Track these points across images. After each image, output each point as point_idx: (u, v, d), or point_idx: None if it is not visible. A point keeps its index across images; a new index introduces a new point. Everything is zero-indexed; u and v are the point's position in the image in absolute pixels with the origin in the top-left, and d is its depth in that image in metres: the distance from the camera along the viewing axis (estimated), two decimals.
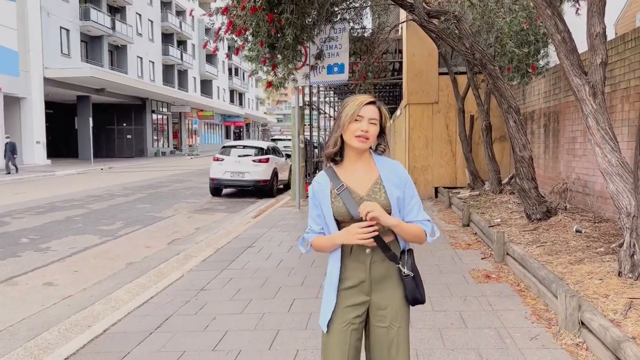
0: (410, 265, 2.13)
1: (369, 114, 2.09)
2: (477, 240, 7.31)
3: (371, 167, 2.17)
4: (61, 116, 34.73)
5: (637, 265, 4.30)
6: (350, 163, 2.17)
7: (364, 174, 2.16)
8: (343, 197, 2.10)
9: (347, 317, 2.12)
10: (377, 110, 2.12)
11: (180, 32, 47.35)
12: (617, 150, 4.74)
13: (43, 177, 20.30)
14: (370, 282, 2.13)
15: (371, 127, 2.09)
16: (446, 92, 12.45)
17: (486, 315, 4.27)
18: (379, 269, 2.13)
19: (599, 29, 4.85)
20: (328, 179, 2.16)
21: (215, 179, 13.84)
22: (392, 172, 2.16)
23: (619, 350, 3.01)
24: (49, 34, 28.28)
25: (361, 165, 2.16)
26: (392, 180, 2.14)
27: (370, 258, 2.12)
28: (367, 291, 2.14)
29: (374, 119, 2.10)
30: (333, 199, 2.13)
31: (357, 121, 2.08)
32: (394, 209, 2.11)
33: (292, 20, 7.06)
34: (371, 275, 2.13)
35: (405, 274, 2.12)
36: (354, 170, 2.16)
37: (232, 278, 5.66)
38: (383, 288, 2.15)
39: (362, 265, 2.12)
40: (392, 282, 2.15)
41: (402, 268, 2.12)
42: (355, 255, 2.13)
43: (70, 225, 9.41)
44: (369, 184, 2.14)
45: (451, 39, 7.80)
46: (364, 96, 2.13)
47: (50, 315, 4.83)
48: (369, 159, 2.18)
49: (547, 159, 9.82)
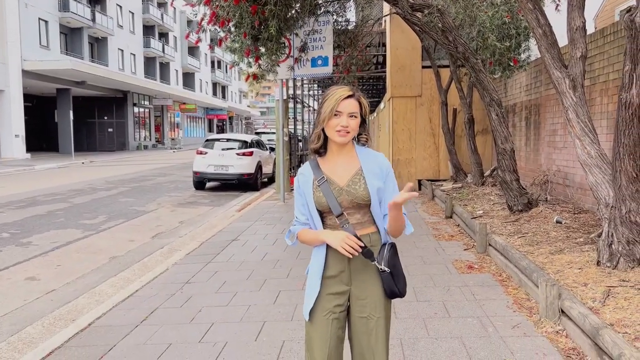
0: (387, 259, 2.13)
1: (348, 109, 2.08)
2: (459, 232, 7.40)
3: (353, 158, 2.19)
4: (41, 109, 34.14)
5: (615, 254, 4.40)
6: (333, 155, 2.19)
7: (345, 165, 2.18)
8: (323, 188, 2.13)
9: (328, 306, 2.16)
10: (356, 103, 2.11)
11: (161, 24, 46.80)
12: (596, 143, 4.84)
13: (23, 171, 19.97)
14: (350, 272, 2.17)
15: (351, 121, 2.09)
16: (429, 85, 12.53)
17: (469, 305, 4.34)
18: (358, 260, 2.15)
19: (579, 23, 4.93)
20: (311, 171, 2.19)
21: (199, 172, 13.77)
22: (373, 163, 2.17)
23: (597, 336, 3.09)
24: (27, 25, 27.74)
25: (343, 157, 2.18)
26: (373, 171, 2.15)
27: None
28: (346, 281, 2.18)
29: (354, 112, 2.09)
30: (314, 190, 2.16)
31: (336, 116, 2.08)
32: (374, 200, 2.13)
33: (276, 12, 7.04)
34: (350, 266, 2.17)
35: (382, 270, 2.13)
36: (335, 161, 2.18)
37: (217, 271, 5.66)
38: (363, 279, 2.18)
39: (341, 255, 2.13)
40: (371, 274, 2.18)
41: (377, 265, 2.13)
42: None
43: (52, 220, 9.30)
44: (350, 174, 2.15)
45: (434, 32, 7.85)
46: (342, 89, 2.12)
47: (34, 309, 4.79)
48: (352, 150, 2.20)
49: (529, 152, 9.96)
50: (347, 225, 2.12)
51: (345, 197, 2.13)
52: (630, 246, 4.33)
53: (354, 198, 2.13)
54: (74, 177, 17.46)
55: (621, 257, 4.36)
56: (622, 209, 4.34)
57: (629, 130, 4.21)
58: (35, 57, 27.72)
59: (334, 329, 2.15)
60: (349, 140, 2.13)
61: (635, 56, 4.09)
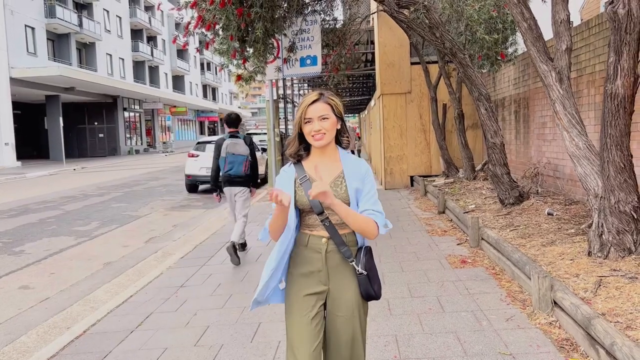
0: (364, 263, 2.17)
1: (317, 113, 2.13)
2: (452, 227, 7.44)
3: (336, 162, 2.23)
4: (30, 117, 33.89)
5: (605, 244, 4.45)
6: (316, 157, 2.23)
7: (328, 167, 2.21)
8: (305, 187, 2.15)
9: (307, 306, 2.18)
10: (324, 106, 2.15)
11: (149, 27, 46.60)
12: (584, 134, 4.88)
13: (13, 180, 19.84)
14: (327, 271, 2.20)
15: (323, 123, 2.13)
16: (418, 81, 12.56)
17: (463, 299, 4.37)
18: (335, 258, 2.19)
19: (563, 16, 4.96)
20: (294, 170, 2.23)
21: (191, 175, 13.72)
22: (355, 167, 2.22)
23: (589, 326, 3.12)
24: (14, 32, 27.54)
25: (326, 159, 2.22)
26: (354, 175, 2.20)
27: (325, 247, 2.19)
28: (324, 280, 2.20)
29: (323, 114, 2.13)
30: (296, 189, 2.19)
31: (308, 123, 2.14)
32: (353, 202, 2.17)
33: (262, 14, 7.04)
34: (327, 264, 2.20)
35: (359, 272, 2.17)
36: (319, 163, 2.21)
37: (211, 274, 5.66)
38: (340, 277, 2.21)
39: (318, 254, 2.19)
40: (348, 272, 2.21)
41: (355, 266, 2.17)
42: (312, 244, 2.20)
43: (45, 228, 9.25)
44: (332, 176, 2.20)
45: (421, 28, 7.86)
46: (309, 96, 2.17)
47: (28, 318, 4.77)
48: (335, 154, 2.25)
49: (519, 145, 10.01)
50: (328, 223, 2.15)
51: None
52: (620, 236, 4.37)
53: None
54: (65, 184, 17.37)
55: (612, 247, 4.40)
56: (611, 199, 4.38)
57: (615, 121, 4.25)
58: (22, 64, 27.53)
59: (314, 329, 2.16)
60: (327, 141, 2.16)
61: (619, 48, 4.13)
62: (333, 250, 2.19)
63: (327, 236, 2.18)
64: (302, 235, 2.23)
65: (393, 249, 6.25)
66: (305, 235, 2.22)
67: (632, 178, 4.34)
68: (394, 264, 5.57)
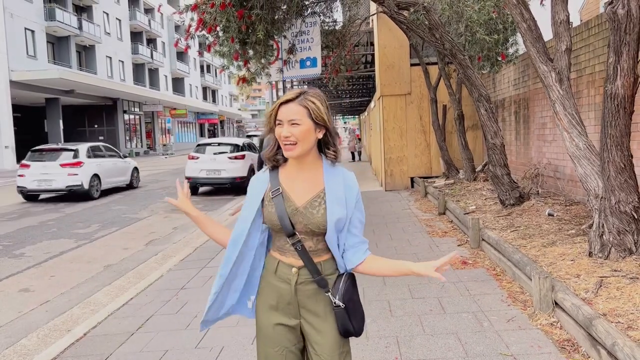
0: (343, 293, 1.83)
1: (287, 116, 1.77)
2: (453, 228, 7.43)
3: (317, 177, 1.87)
4: (30, 119, 33.90)
5: (606, 245, 4.44)
6: (293, 168, 1.89)
7: (307, 182, 1.86)
8: (276, 202, 1.83)
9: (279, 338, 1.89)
10: (299, 108, 1.77)
11: (149, 30, 46.63)
12: (584, 135, 4.87)
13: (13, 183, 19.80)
14: (297, 304, 1.88)
15: (293, 129, 1.76)
16: (418, 83, 12.57)
17: (464, 300, 4.36)
18: (307, 290, 1.86)
19: (563, 16, 4.97)
20: (268, 178, 1.90)
21: (191, 177, 13.71)
22: (340, 186, 1.85)
23: (590, 327, 3.12)
24: (14, 35, 27.57)
25: (306, 173, 1.87)
26: (337, 197, 1.83)
27: (296, 279, 1.86)
28: (295, 314, 1.89)
29: (294, 119, 1.76)
30: (266, 202, 1.87)
31: (279, 125, 1.79)
32: (330, 229, 1.81)
33: (263, 16, 7.05)
34: (297, 297, 1.87)
35: (336, 305, 1.83)
36: (296, 176, 1.88)
37: (212, 276, 5.65)
38: (314, 312, 1.88)
39: (287, 285, 1.87)
40: (323, 305, 1.88)
41: (331, 298, 1.83)
42: (280, 273, 1.88)
43: (45, 230, 9.25)
44: (310, 195, 1.85)
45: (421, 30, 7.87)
46: (287, 94, 1.82)
47: (28, 321, 4.76)
48: (317, 167, 1.88)
49: (519, 145, 10.01)
50: (299, 247, 1.83)
51: (300, 219, 1.83)
52: (620, 236, 4.37)
53: (308, 223, 1.82)
54: None
55: (612, 247, 4.40)
56: (611, 199, 4.37)
57: (615, 121, 4.25)
58: (22, 67, 27.55)
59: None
60: (297, 153, 1.79)
61: (618, 48, 4.13)
62: (305, 281, 1.86)
63: (298, 265, 1.85)
64: (271, 259, 1.92)
65: (394, 250, 6.25)
66: (274, 261, 1.90)
67: (632, 178, 4.34)
68: None
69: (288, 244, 1.85)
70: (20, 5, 28.41)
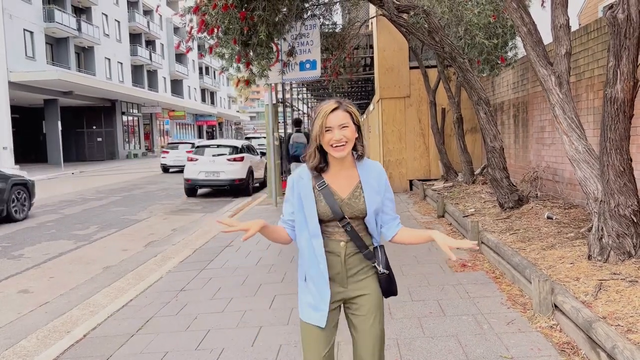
0: (384, 262, 2.21)
1: (337, 122, 2.07)
2: (452, 231, 7.44)
3: (353, 172, 2.20)
4: (28, 121, 33.89)
5: (605, 248, 4.45)
6: (335, 169, 2.19)
7: (346, 177, 2.19)
8: (325, 194, 2.14)
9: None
10: (344, 114, 2.10)
11: (148, 31, 46.64)
12: (583, 138, 4.89)
13: None
14: (346, 273, 2.20)
15: (344, 131, 2.08)
16: (417, 85, 12.59)
17: (463, 303, 4.37)
18: (354, 261, 2.20)
19: (563, 21, 4.99)
20: (310, 175, 2.19)
21: (190, 179, 13.72)
22: (372, 176, 2.20)
23: (590, 330, 3.12)
24: (12, 36, 27.53)
25: (344, 170, 2.19)
26: (371, 185, 2.18)
27: (344, 250, 2.18)
28: (343, 283, 2.20)
29: (344, 123, 2.08)
30: (316, 197, 2.15)
31: (328, 131, 2.08)
32: (370, 213, 2.16)
33: (265, 18, 7.06)
34: (346, 267, 2.19)
35: (381, 272, 2.20)
36: (337, 174, 2.18)
37: (211, 277, 5.66)
38: (358, 280, 2.21)
39: (337, 257, 2.18)
40: (367, 272, 2.22)
41: (377, 267, 2.20)
42: (331, 248, 2.18)
43: (44, 232, 9.24)
44: (350, 188, 2.18)
45: (421, 33, 7.89)
46: (328, 104, 2.11)
47: (28, 322, 4.76)
48: (351, 163, 2.20)
49: (518, 149, 10.04)
50: (349, 227, 2.15)
51: (346, 209, 2.16)
52: (620, 239, 4.38)
53: (354, 211, 2.16)
54: (64, 188, 17.36)
55: (611, 250, 4.41)
56: (610, 202, 4.39)
57: (615, 125, 4.27)
58: (21, 68, 27.51)
59: (329, 331, 2.19)
60: (347, 151, 2.11)
61: (618, 52, 4.15)
62: (351, 253, 2.19)
63: (345, 240, 2.18)
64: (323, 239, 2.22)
65: (393, 253, 6.22)
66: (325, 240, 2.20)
67: (631, 182, 4.35)
68: (395, 268, 5.49)
69: (336, 227, 2.18)
70: (19, 6, 28.39)
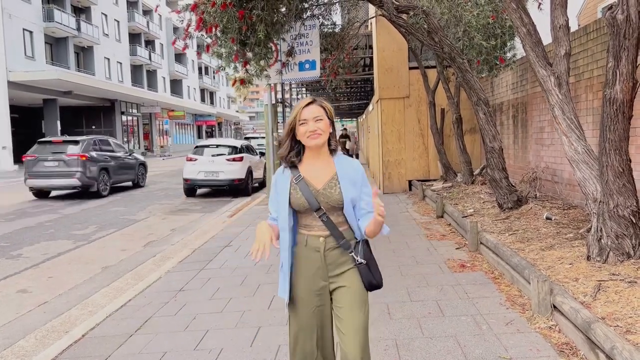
0: (363, 253, 2.31)
1: (311, 115, 2.24)
2: (451, 231, 7.44)
3: (329, 165, 2.33)
4: (28, 120, 33.79)
5: (604, 249, 4.45)
6: (309, 160, 2.34)
7: (321, 170, 2.32)
8: (301, 186, 2.27)
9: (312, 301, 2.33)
10: (318, 108, 2.27)
11: (147, 31, 46.61)
12: (582, 139, 4.89)
13: (11, 184, 19.77)
14: (326, 267, 2.32)
15: (319, 123, 2.24)
16: (417, 86, 12.59)
17: (462, 303, 4.37)
18: (333, 255, 2.31)
19: (562, 21, 4.99)
20: (289, 171, 2.34)
21: (189, 179, 13.70)
22: (349, 168, 2.32)
23: (589, 330, 3.12)
24: (12, 36, 27.51)
25: (320, 163, 2.33)
26: (348, 177, 2.30)
27: (324, 246, 2.30)
28: (324, 276, 2.32)
29: (318, 116, 2.24)
30: (292, 190, 2.29)
31: (303, 124, 2.24)
32: (347, 204, 2.28)
33: (263, 17, 7.05)
34: (326, 262, 2.31)
35: (358, 262, 2.30)
36: (312, 166, 2.33)
37: (210, 278, 5.65)
38: (339, 272, 2.33)
39: (316, 253, 2.31)
40: (346, 267, 2.33)
41: (354, 256, 2.30)
42: (310, 244, 2.32)
43: (42, 231, 9.23)
44: (326, 179, 2.30)
45: (420, 33, 7.89)
46: (303, 100, 2.29)
47: (26, 322, 4.75)
48: (328, 158, 2.35)
49: (517, 149, 10.04)
50: (325, 218, 2.27)
51: (322, 198, 2.28)
52: (619, 240, 4.38)
53: (329, 201, 2.27)
54: None
55: (610, 251, 4.41)
56: (609, 203, 4.39)
57: (614, 125, 4.27)
58: (20, 68, 27.49)
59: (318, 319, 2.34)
60: (322, 141, 2.26)
61: (617, 53, 4.15)
62: (331, 247, 2.30)
63: (324, 235, 2.29)
64: (301, 235, 2.35)
65: (392, 253, 6.25)
66: (303, 236, 2.34)
67: (630, 182, 4.36)
68: (393, 268, 5.57)
69: (315, 221, 2.30)
70: (18, 6, 28.37)
